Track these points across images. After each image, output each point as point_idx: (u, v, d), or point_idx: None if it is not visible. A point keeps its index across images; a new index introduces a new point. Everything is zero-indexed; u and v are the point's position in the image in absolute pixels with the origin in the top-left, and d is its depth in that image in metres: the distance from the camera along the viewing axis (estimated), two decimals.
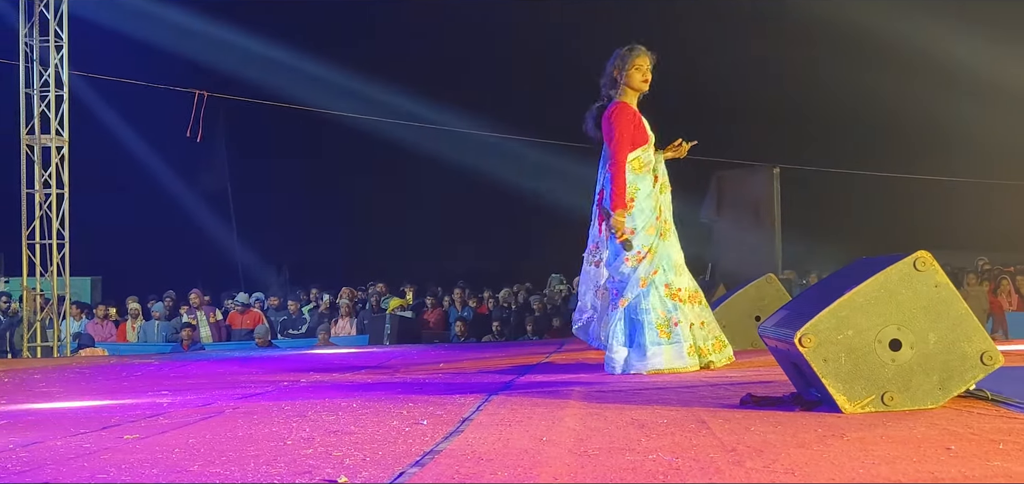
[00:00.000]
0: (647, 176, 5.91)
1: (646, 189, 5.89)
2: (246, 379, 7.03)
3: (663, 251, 5.92)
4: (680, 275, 5.98)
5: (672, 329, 5.86)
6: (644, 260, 5.85)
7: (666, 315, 5.86)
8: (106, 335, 14.53)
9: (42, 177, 12.63)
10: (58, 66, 12.65)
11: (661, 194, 6.00)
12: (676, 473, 2.72)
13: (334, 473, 2.89)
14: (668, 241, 5.97)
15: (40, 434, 4.13)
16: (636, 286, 5.85)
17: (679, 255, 6.06)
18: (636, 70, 5.99)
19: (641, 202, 5.87)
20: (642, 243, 5.85)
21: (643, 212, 5.87)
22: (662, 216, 5.96)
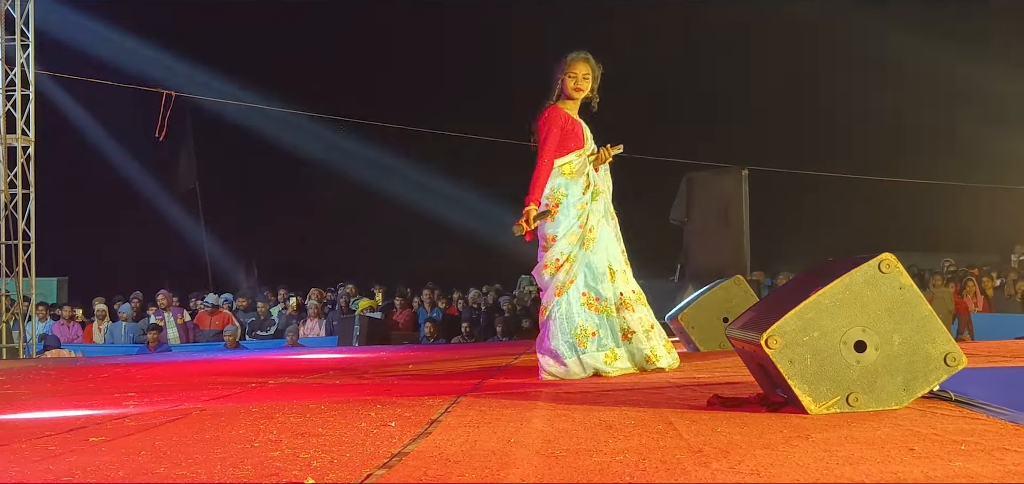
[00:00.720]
0: (578, 181, 5.92)
1: (574, 196, 5.88)
2: (213, 381, 6.99)
3: (583, 260, 5.87)
4: (606, 283, 5.90)
5: (588, 338, 5.83)
6: (562, 268, 5.84)
7: (582, 324, 5.83)
8: (72, 336, 14.40)
9: (8, 177, 12.50)
10: (24, 65, 12.54)
11: (593, 200, 5.95)
12: (642, 474, 2.73)
13: (301, 475, 2.88)
14: (590, 250, 5.90)
15: (4, 436, 4.09)
16: (553, 294, 5.87)
17: (616, 261, 5.98)
18: (569, 78, 6.00)
19: (567, 208, 5.87)
20: (561, 251, 5.85)
21: (567, 218, 5.86)
22: (588, 224, 5.90)
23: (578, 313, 5.84)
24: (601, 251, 5.95)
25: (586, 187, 5.95)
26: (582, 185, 5.93)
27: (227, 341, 13.69)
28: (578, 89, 6.04)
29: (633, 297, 6.01)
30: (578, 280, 5.87)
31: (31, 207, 12.55)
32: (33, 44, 12.53)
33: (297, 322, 14.37)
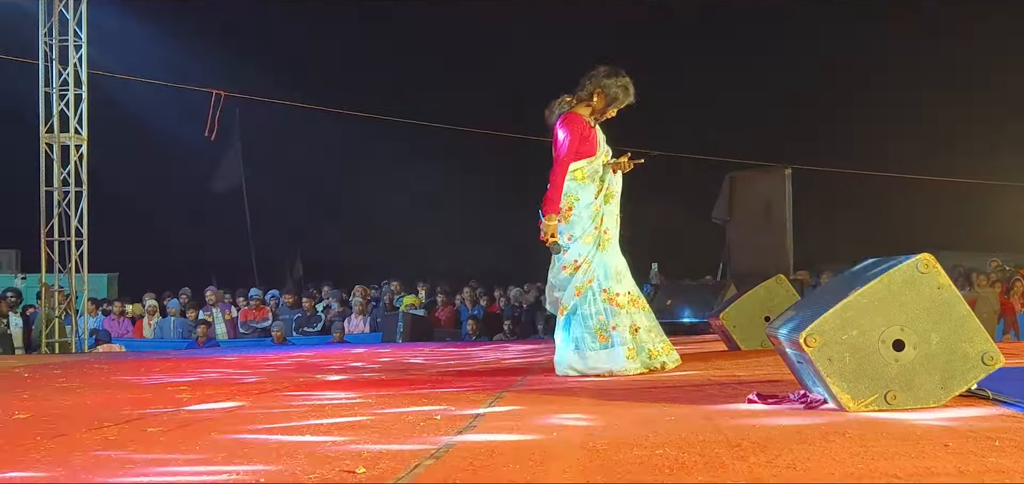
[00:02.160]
0: (590, 186, 6.02)
1: (586, 199, 6.00)
2: (263, 375, 7.15)
3: (599, 261, 6.01)
4: (619, 282, 6.03)
5: (610, 333, 5.94)
6: (580, 269, 5.97)
7: (603, 320, 5.94)
8: (122, 331, 14.69)
9: (61, 175, 12.78)
10: (77, 65, 12.81)
11: (606, 204, 6.08)
12: (681, 467, 2.82)
13: (352, 464, 3.00)
14: (606, 251, 6.03)
15: (64, 427, 4.25)
16: (572, 294, 5.98)
17: (620, 262, 6.11)
18: (613, 110, 6.11)
19: (580, 211, 5.99)
20: (578, 252, 5.98)
21: (581, 221, 5.99)
22: (602, 226, 6.04)
23: (596, 312, 5.95)
24: (615, 252, 6.08)
25: (599, 191, 6.06)
26: (594, 189, 6.04)
27: (274, 336, 13.91)
28: (609, 115, 6.14)
29: (637, 295, 6.15)
30: (596, 280, 5.98)
31: (83, 204, 12.82)
32: (86, 44, 12.80)
33: (342, 319, 14.56)
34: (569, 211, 5.97)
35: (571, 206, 5.97)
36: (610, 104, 6.08)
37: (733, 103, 16.48)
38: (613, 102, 6.08)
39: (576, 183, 5.99)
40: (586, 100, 6.11)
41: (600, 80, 6.09)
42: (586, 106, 6.12)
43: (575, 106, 6.12)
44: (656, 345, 6.07)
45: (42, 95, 12.75)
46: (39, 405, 5.35)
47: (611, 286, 5.98)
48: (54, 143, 12.74)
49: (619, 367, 5.89)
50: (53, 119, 12.72)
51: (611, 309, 5.94)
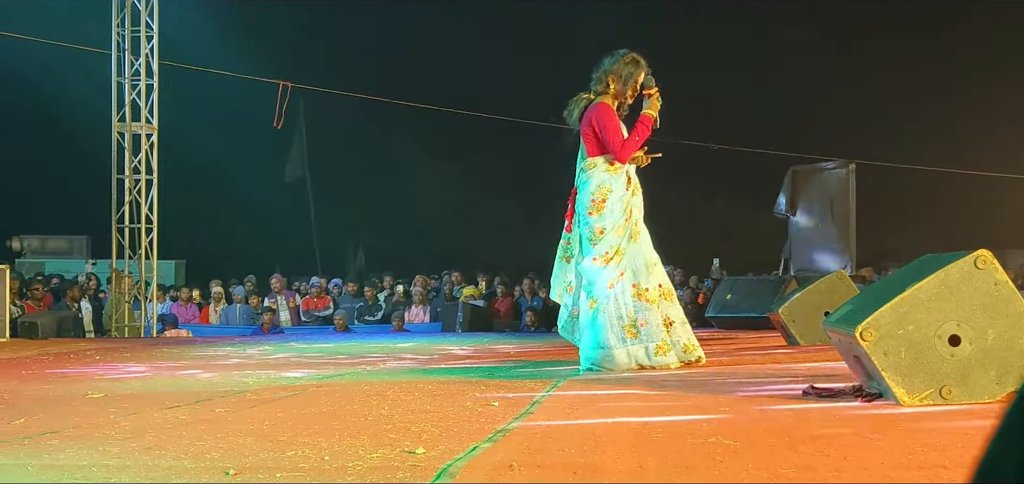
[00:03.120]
0: (621, 177, 6.04)
1: (619, 191, 6.02)
2: (326, 361, 7.30)
3: (631, 253, 6.01)
4: (650, 276, 6.02)
5: (638, 329, 5.93)
6: (612, 261, 5.95)
7: (633, 315, 5.93)
8: (189, 317, 15.00)
9: (132, 163, 13.09)
10: (148, 55, 13.10)
11: (633, 195, 6.10)
12: (733, 455, 2.88)
13: (413, 445, 3.10)
14: (637, 243, 6.04)
15: (137, 406, 4.42)
16: (604, 287, 5.96)
17: (651, 254, 6.12)
18: (631, 88, 6.12)
19: (613, 204, 6.00)
20: (610, 245, 5.97)
21: (613, 213, 5.99)
22: (632, 218, 6.05)
23: (628, 305, 5.94)
24: (645, 244, 6.09)
25: (628, 183, 6.08)
26: (624, 181, 6.05)
27: (336, 325, 14.13)
28: (629, 97, 6.16)
29: (668, 289, 6.14)
30: (627, 273, 5.99)
31: (153, 193, 13.12)
32: (157, 35, 13.09)
33: (403, 308, 14.73)
34: (603, 203, 5.99)
35: (605, 198, 6.00)
36: (626, 84, 6.09)
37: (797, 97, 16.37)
38: (628, 80, 6.09)
39: (610, 175, 6.01)
40: (604, 92, 6.13)
41: (608, 68, 6.11)
42: (608, 97, 6.13)
43: (598, 100, 6.14)
44: (691, 339, 6.07)
45: (114, 85, 13.05)
46: (111, 386, 5.55)
47: (641, 280, 5.98)
48: (126, 132, 13.05)
49: (647, 362, 5.88)
50: (125, 108, 13.03)
51: (640, 305, 5.93)
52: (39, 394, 5.09)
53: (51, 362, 7.54)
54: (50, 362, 7.54)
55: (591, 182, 6.01)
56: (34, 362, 7.51)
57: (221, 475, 2.69)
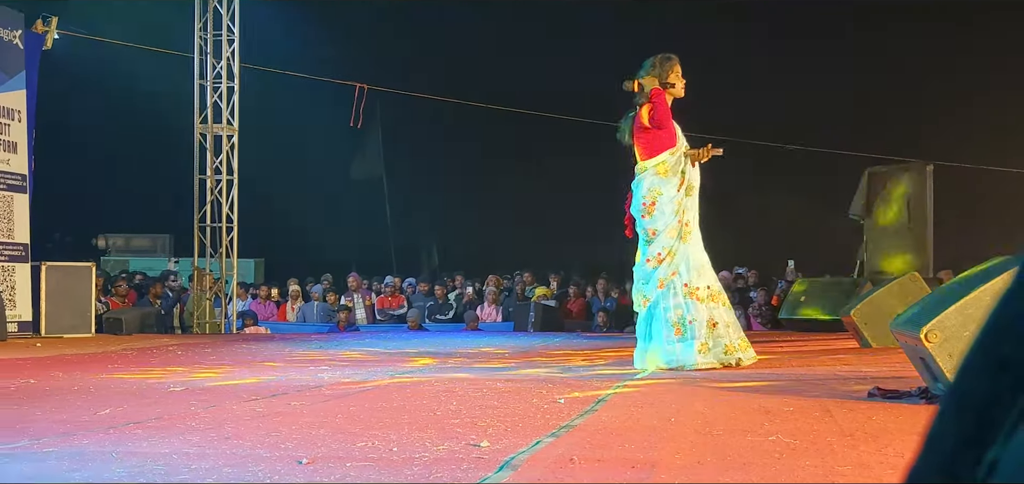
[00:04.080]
0: (672, 180, 6.12)
1: (669, 193, 6.10)
2: (398, 358, 7.45)
3: (682, 253, 6.09)
4: (700, 276, 6.09)
5: (686, 327, 5.99)
6: (664, 261, 6.05)
7: (682, 314, 6.00)
8: (268, 314, 15.31)
9: (213, 164, 13.42)
10: (230, 59, 13.42)
11: (687, 196, 6.17)
12: (792, 453, 2.93)
13: (478, 438, 3.20)
14: (688, 243, 6.11)
15: (217, 399, 4.59)
16: (655, 287, 6.07)
17: (702, 256, 6.19)
18: (674, 77, 6.19)
19: (663, 205, 6.08)
20: (662, 245, 6.07)
21: (664, 215, 6.08)
22: (684, 218, 6.12)
23: (676, 306, 6.02)
24: (697, 245, 6.16)
25: (680, 184, 6.14)
26: (676, 182, 6.12)
27: (409, 323, 14.32)
28: (674, 91, 6.21)
29: (717, 290, 6.19)
30: (679, 272, 6.06)
31: (234, 193, 13.43)
32: (238, 39, 13.40)
33: (475, 307, 14.87)
34: (652, 205, 6.08)
35: (655, 200, 6.08)
36: (665, 78, 6.15)
37: (874, 97, 16.17)
38: (665, 75, 6.15)
39: (659, 178, 6.10)
40: (647, 99, 6.18)
41: (644, 75, 6.17)
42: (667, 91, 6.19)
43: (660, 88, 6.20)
44: (733, 340, 6.10)
45: (197, 87, 13.39)
46: (193, 380, 5.75)
47: (692, 280, 6.05)
48: (207, 133, 13.38)
49: (690, 362, 5.93)
50: (207, 110, 13.36)
51: (690, 303, 6.01)
52: (123, 387, 5.30)
53: (135, 357, 7.80)
54: (134, 357, 7.80)
55: (643, 186, 6.13)
56: (118, 357, 7.78)
57: (294, 464, 2.81)
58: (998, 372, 0.62)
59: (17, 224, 11.05)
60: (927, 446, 0.66)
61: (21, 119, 11.25)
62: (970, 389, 0.64)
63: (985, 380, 0.63)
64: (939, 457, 0.64)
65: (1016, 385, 0.60)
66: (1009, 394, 0.61)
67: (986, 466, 0.60)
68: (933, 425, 0.67)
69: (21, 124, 11.24)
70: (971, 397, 0.63)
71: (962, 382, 0.66)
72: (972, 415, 0.62)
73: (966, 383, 0.65)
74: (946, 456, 0.63)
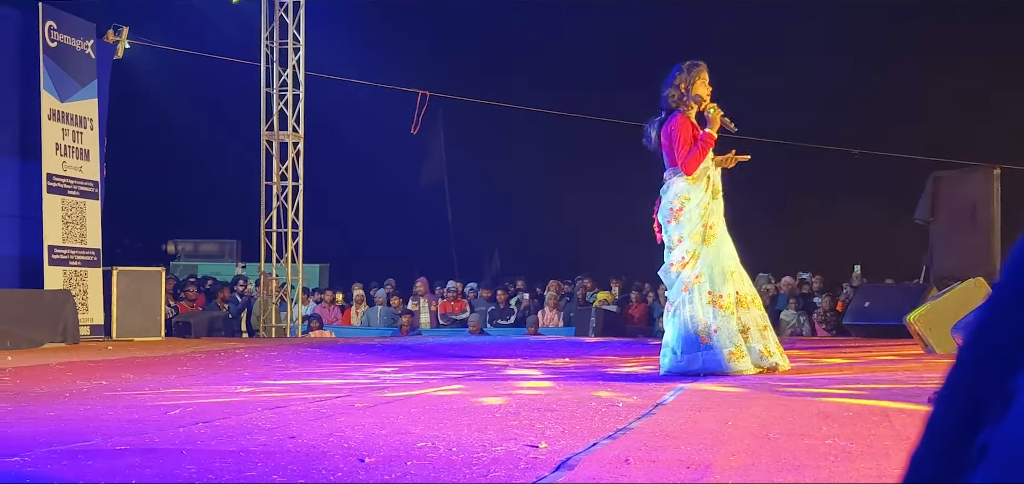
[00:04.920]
0: (700, 184, 6.14)
1: (696, 198, 6.11)
2: (460, 362, 7.54)
3: (707, 258, 6.07)
4: (727, 282, 6.05)
5: (711, 335, 5.95)
6: (687, 266, 6.05)
7: (706, 322, 5.97)
8: (332, 318, 15.53)
9: (280, 171, 13.64)
10: (296, 67, 13.64)
11: (713, 199, 6.18)
12: (847, 456, 2.95)
13: (536, 440, 3.26)
14: (712, 246, 6.09)
15: (282, 400, 4.70)
16: (679, 291, 6.06)
17: (731, 260, 6.15)
18: (703, 84, 6.20)
19: (690, 210, 6.10)
20: (686, 250, 6.07)
21: (690, 220, 6.09)
22: (709, 222, 6.13)
23: (702, 311, 6.00)
24: (722, 249, 6.13)
25: (706, 188, 6.16)
26: (703, 187, 6.15)
27: (471, 327, 14.43)
28: (702, 98, 6.22)
29: (749, 296, 6.15)
30: (703, 278, 6.05)
31: (300, 199, 13.65)
32: (304, 47, 13.62)
33: (536, 312, 14.94)
34: (680, 211, 6.11)
35: (682, 206, 6.11)
36: (692, 86, 6.18)
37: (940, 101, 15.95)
38: (692, 83, 6.18)
39: (687, 183, 6.12)
40: (677, 104, 6.21)
41: (673, 82, 6.21)
42: (683, 106, 6.21)
43: (677, 113, 6.22)
44: (769, 345, 6.08)
45: (263, 95, 13.63)
46: (259, 382, 5.88)
47: (716, 287, 6.03)
48: (274, 140, 13.61)
49: (718, 368, 5.89)
50: (273, 118, 13.59)
51: (713, 311, 5.99)
52: (191, 388, 5.44)
53: (203, 360, 7.98)
54: (202, 360, 7.99)
55: (670, 191, 6.16)
56: (187, 359, 7.97)
57: (357, 462, 2.90)
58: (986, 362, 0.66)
59: (89, 230, 11.35)
60: (928, 430, 0.71)
61: (93, 127, 11.55)
62: (963, 378, 0.69)
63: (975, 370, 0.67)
64: (937, 440, 0.69)
65: (1003, 373, 0.64)
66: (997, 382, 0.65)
67: (978, 448, 0.65)
68: (933, 411, 0.72)
69: (93, 132, 11.54)
70: (963, 385, 0.68)
71: (957, 372, 0.71)
72: (964, 402, 0.67)
73: (960, 373, 0.70)
74: (943, 439, 0.68)
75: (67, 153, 11.12)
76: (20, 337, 9.42)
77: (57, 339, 9.89)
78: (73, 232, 11.11)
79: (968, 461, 0.67)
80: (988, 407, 0.67)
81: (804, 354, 8.16)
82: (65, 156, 11.09)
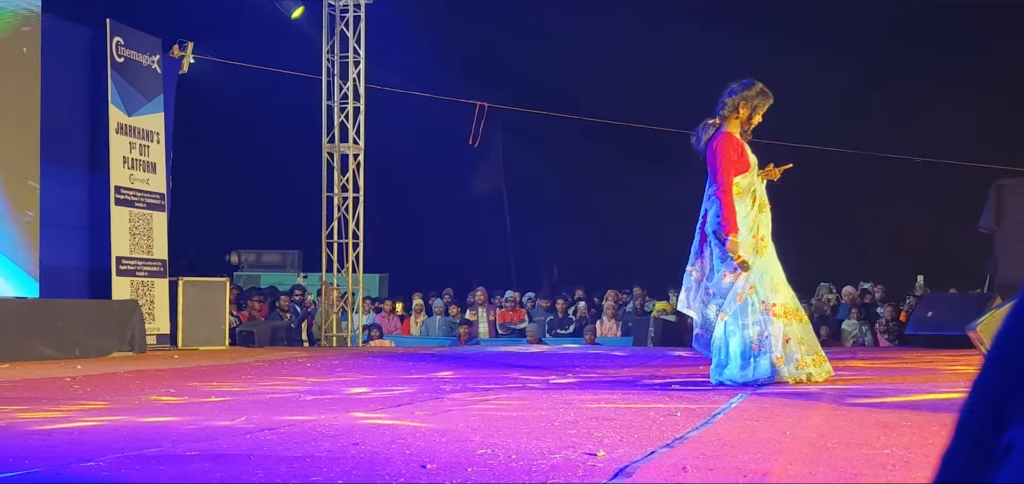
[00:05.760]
0: (746, 200, 6.19)
1: (743, 211, 6.16)
2: (518, 371, 7.60)
3: (758, 268, 6.13)
4: (775, 292, 6.12)
5: (763, 341, 6.02)
6: (740, 276, 6.10)
7: (760, 330, 6.03)
8: (392, 328, 15.68)
9: (340, 182, 13.83)
10: (356, 80, 13.82)
11: (760, 213, 6.22)
12: (905, 466, 2.96)
13: (594, 448, 3.31)
14: (764, 257, 6.15)
15: (345, 407, 4.79)
16: (733, 301, 6.10)
17: (777, 272, 6.22)
18: (756, 114, 6.26)
19: (739, 224, 6.12)
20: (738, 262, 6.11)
21: (739, 232, 6.12)
22: (759, 234, 6.18)
23: (754, 321, 6.06)
24: (772, 261, 6.20)
25: (753, 201, 6.21)
26: (749, 201, 6.20)
27: (529, 337, 14.48)
28: (755, 122, 6.28)
29: (793, 307, 6.20)
30: (756, 289, 6.10)
31: (360, 210, 13.84)
32: (363, 60, 13.81)
33: (594, 321, 14.95)
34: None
35: None
36: (754, 112, 6.25)
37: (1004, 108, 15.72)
38: (756, 110, 6.25)
39: (735, 198, 6.16)
40: (731, 115, 6.25)
41: (741, 94, 6.24)
42: (734, 121, 6.26)
43: (724, 126, 6.23)
44: (805, 356, 6.13)
45: (324, 108, 13.83)
46: (322, 390, 5.99)
47: (768, 296, 6.10)
48: (334, 153, 13.80)
49: (764, 375, 5.96)
50: (334, 130, 13.79)
51: (767, 318, 6.06)
52: (257, 396, 5.56)
53: (267, 368, 8.13)
54: (266, 368, 8.13)
55: (717, 204, 6.16)
56: (251, 368, 8.12)
57: (418, 468, 2.96)
58: (1011, 367, 0.70)
59: (156, 241, 11.60)
60: (958, 429, 0.75)
61: (160, 140, 11.81)
62: (990, 381, 0.73)
63: (1000, 373, 0.71)
64: (966, 440, 0.73)
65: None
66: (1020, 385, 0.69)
67: (1003, 448, 0.69)
68: (962, 411, 0.75)
69: (159, 145, 11.80)
70: (990, 388, 0.72)
71: (984, 376, 0.75)
72: (991, 404, 0.70)
73: (987, 376, 0.74)
74: (971, 439, 0.72)
75: (134, 166, 11.38)
76: (89, 346, 9.67)
77: (125, 348, 10.12)
78: (140, 243, 11.36)
79: (994, 459, 0.71)
80: (1012, 409, 0.70)
81: (865, 364, 8.11)
82: (132, 169, 11.35)
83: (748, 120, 6.26)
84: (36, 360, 8.81)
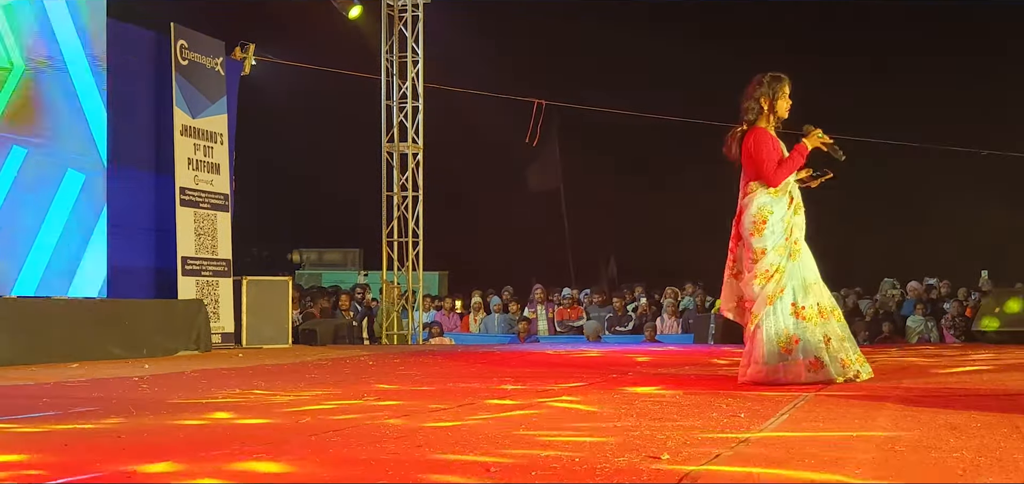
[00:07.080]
0: (783, 199, 6.11)
1: (780, 212, 6.08)
2: (579, 370, 7.59)
3: (791, 271, 6.04)
4: (808, 294, 6.03)
5: (792, 346, 5.93)
6: (772, 279, 6.01)
7: (788, 333, 5.95)
8: (451, 325, 15.76)
9: (400, 181, 13.92)
10: (415, 80, 13.90)
11: (795, 215, 6.14)
12: (975, 470, 2.92)
13: (658, 451, 3.30)
14: (797, 261, 6.07)
15: (407, 410, 4.83)
16: (764, 303, 6.02)
17: (811, 273, 6.12)
18: (783, 100, 6.16)
19: (773, 224, 6.05)
20: (771, 263, 6.03)
21: (774, 234, 6.05)
22: (792, 237, 6.09)
23: (786, 322, 5.98)
24: (806, 263, 6.11)
25: (789, 203, 6.13)
26: (786, 202, 6.12)
27: (588, 334, 14.46)
28: (781, 114, 6.18)
29: (829, 307, 6.11)
30: (787, 290, 6.02)
31: (419, 208, 13.93)
32: (422, 59, 13.88)
33: (654, 319, 14.89)
34: (763, 224, 6.08)
35: (766, 219, 6.08)
36: (775, 99, 6.15)
37: None
38: (776, 97, 6.15)
39: (770, 197, 6.10)
40: (759, 115, 6.17)
41: (756, 91, 6.15)
42: (762, 120, 6.18)
43: (755, 125, 6.17)
44: (849, 356, 6.05)
45: (384, 108, 13.94)
46: (385, 392, 6.03)
47: (799, 299, 6.02)
48: (394, 152, 13.90)
49: (803, 378, 5.86)
50: (393, 130, 13.88)
51: (797, 322, 5.97)
52: (321, 397, 5.62)
53: (330, 366, 8.21)
54: (329, 366, 8.21)
55: (752, 205, 6.12)
56: (314, 366, 8.21)
57: (482, 471, 2.98)
58: None
59: (220, 241, 11.76)
60: None
61: (223, 142, 11.97)
62: None
63: None
64: None
65: None
66: None
67: None
68: None
69: (223, 146, 11.96)
70: None
71: None
72: None
73: None
74: None
75: (199, 167, 11.55)
76: (156, 346, 9.83)
77: (191, 347, 10.28)
78: (205, 243, 11.53)
79: None
80: None
81: (930, 361, 7.99)
82: (197, 170, 11.52)
83: (772, 110, 6.17)
84: (104, 359, 8.99)
